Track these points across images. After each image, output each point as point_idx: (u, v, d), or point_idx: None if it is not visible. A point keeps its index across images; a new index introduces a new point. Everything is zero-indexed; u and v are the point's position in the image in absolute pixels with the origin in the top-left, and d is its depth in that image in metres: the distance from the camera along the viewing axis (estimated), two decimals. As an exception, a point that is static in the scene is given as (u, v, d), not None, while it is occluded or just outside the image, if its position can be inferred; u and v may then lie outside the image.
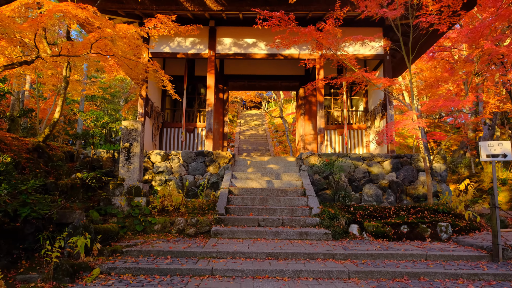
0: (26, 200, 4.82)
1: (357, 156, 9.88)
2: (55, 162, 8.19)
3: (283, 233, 6.48)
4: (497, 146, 5.62)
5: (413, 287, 4.34)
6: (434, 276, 4.73)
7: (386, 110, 10.98)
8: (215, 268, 4.74)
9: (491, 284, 4.54)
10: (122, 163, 7.74)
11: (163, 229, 6.89)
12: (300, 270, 4.73)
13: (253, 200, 7.99)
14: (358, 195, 9.35)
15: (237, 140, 27.69)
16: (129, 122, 7.82)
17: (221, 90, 13.55)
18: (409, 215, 7.34)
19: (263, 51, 11.33)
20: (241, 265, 4.90)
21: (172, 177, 9.53)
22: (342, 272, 4.71)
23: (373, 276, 4.70)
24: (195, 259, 5.20)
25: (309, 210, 7.54)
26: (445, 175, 9.80)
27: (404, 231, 6.92)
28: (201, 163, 9.79)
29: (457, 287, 4.38)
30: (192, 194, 9.11)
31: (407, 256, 5.46)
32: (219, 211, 7.28)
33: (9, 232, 4.86)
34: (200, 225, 6.91)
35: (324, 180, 9.44)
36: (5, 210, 4.60)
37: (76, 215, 5.85)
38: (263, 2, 9.85)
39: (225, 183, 8.70)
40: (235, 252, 5.38)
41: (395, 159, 9.81)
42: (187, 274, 4.67)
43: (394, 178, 9.61)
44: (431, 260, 5.38)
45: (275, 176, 9.42)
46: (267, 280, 4.51)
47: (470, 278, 4.71)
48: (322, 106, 11.19)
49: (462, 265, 5.18)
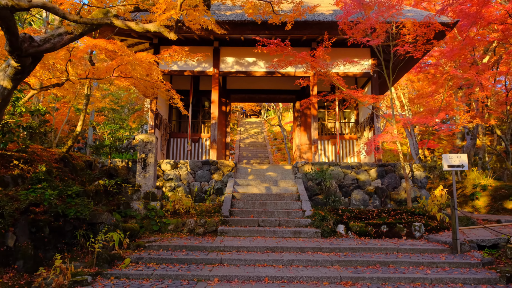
0: (71, 203, 5.92)
1: (346, 164, 11.01)
2: (79, 171, 9.29)
3: (279, 232, 7.58)
4: (456, 158, 6.75)
5: (382, 272, 5.45)
6: (400, 264, 5.83)
7: (374, 123, 12.13)
8: (223, 258, 5.84)
9: (445, 270, 5.65)
10: (139, 171, 8.84)
11: (176, 229, 7.98)
12: (292, 260, 5.83)
13: (253, 204, 9.09)
14: (347, 200, 10.46)
15: (237, 147, 28.78)
16: (145, 136, 8.95)
17: (223, 103, 14.72)
18: (389, 217, 8.45)
19: (263, 69, 12.50)
20: (244, 256, 6.00)
21: (181, 183, 10.64)
22: (326, 261, 5.81)
23: (351, 264, 5.80)
24: (206, 252, 6.29)
25: (303, 212, 8.64)
26: (425, 182, 10.92)
27: (384, 230, 8.02)
28: (206, 171, 10.90)
29: (418, 272, 5.49)
30: (199, 199, 10.21)
31: (382, 249, 6.56)
32: (224, 213, 8.38)
33: (54, 229, 5.96)
34: (207, 226, 8.00)
35: (317, 186, 10.55)
36: (56, 210, 5.70)
37: (105, 216, 6.94)
38: (262, 27, 11.03)
39: (229, 189, 9.81)
40: (239, 247, 6.48)
41: (380, 168, 10.94)
42: (201, 263, 5.76)
43: (379, 185, 10.73)
44: (401, 253, 6.48)
45: (273, 182, 10.54)
46: (266, 267, 5.61)
47: (430, 266, 5.81)
48: (315, 119, 12.34)
49: (426, 256, 6.28)
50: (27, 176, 6.89)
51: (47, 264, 5.45)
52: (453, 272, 5.51)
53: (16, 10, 4.22)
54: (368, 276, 5.19)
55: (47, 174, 7.01)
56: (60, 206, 5.75)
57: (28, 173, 6.89)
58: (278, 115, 28.87)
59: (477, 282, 5.19)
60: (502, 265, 5.97)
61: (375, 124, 12.08)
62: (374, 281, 5.13)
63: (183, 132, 14.44)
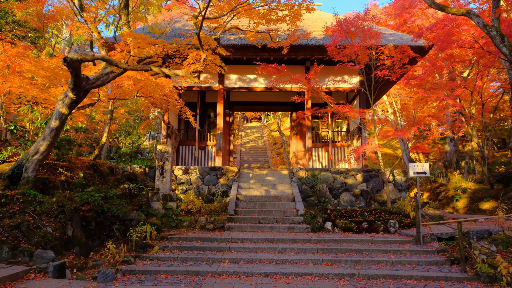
0: (112, 203, 7.47)
1: (336, 170, 12.56)
2: (105, 176, 10.84)
3: (276, 227, 9.12)
4: (420, 167, 8.30)
5: (355, 256, 6.99)
6: (372, 251, 7.37)
7: (361, 133, 13.68)
8: (231, 247, 7.39)
9: (406, 256, 7.19)
10: (157, 177, 10.40)
11: (190, 225, 9.52)
12: (286, 248, 7.37)
13: (254, 204, 10.64)
14: (336, 201, 12.00)
15: (239, 152, 30.27)
16: (163, 146, 10.51)
17: (227, 114, 16.29)
18: (370, 215, 9.98)
19: (262, 85, 14.07)
20: (248, 245, 7.55)
21: (191, 187, 12.20)
22: (313, 249, 7.36)
23: (332, 251, 7.35)
24: (217, 242, 7.83)
25: (296, 211, 10.19)
26: (405, 185, 12.46)
27: (364, 226, 9.56)
28: (213, 176, 12.46)
29: (383, 257, 7.03)
30: (207, 200, 11.75)
31: (359, 241, 8.10)
32: (229, 212, 9.92)
33: (97, 223, 7.51)
34: (216, 222, 9.54)
35: (310, 189, 12.09)
36: (101, 208, 7.25)
37: (134, 214, 8.50)
38: (262, 50, 12.59)
39: (233, 191, 11.35)
40: (243, 238, 8.03)
41: (365, 173, 12.49)
42: (214, 250, 7.31)
43: (364, 188, 12.28)
44: (374, 243, 8.02)
45: (272, 186, 12.08)
46: (265, 253, 7.15)
47: (395, 253, 7.35)
48: (310, 129, 13.90)
49: (394, 246, 7.82)
50: (71, 181, 8.44)
51: (95, 250, 7.00)
52: (411, 257, 7.05)
53: (83, 62, 5.79)
54: (344, 259, 6.74)
55: (83, 179, 8.55)
56: (105, 205, 7.30)
57: (72, 178, 8.44)
58: (277, 121, 30.41)
59: (427, 264, 6.74)
60: (455, 253, 7.50)
61: (362, 134, 13.63)
62: (348, 263, 6.68)
63: (190, 140, 16.00)
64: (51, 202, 6.74)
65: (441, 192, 17.93)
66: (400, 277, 5.90)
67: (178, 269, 6.02)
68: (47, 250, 5.93)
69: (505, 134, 23.35)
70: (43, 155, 7.03)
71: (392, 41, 12.58)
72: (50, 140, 6.99)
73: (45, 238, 6.14)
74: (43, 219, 6.49)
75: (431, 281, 5.80)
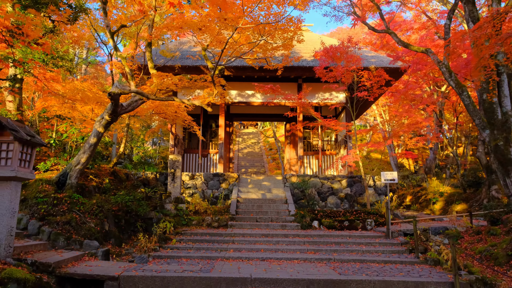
0: (139, 204, 9.17)
1: (323, 176, 14.32)
2: (123, 181, 12.51)
3: (271, 225, 10.85)
4: (390, 175, 10.09)
5: (334, 247, 8.73)
6: (348, 243, 9.12)
7: (347, 143, 15.47)
8: (234, 240, 9.11)
9: (375, 247, 8.94)
10: (169, 182, 12.10)
11: (198, 223, 11.21)
12: (279, 241, 9.10)
13: (253, 206, 12.36)
14: (324, 203, 13.75)
15: (236, 157, 31.94)
16: (174, 156, 12.21)
17: (228, 125, 18.04)
18: (351, 215, 11.73)
19: (259, 100, 15.83)
20: (248, 239, 9.27)
21: (197, 191, 13.90)
22: (300, 242, 9.09)
23: (316, 243, 9.08)
24: (222, 236, 9.55)
25: (288, 212, 11.93)
26: (384, 189, 14.24)
27: (346, 224, 11.31)
28: (216, 181, 14.17)
29: (356, 247, 8.77)
30: (211, 203, 13.45)
31: (339, 236, 9.85)
32: (231, 212, 11.63)
33: (126, 221, 9.20)
34: (220, 221, 11.24)
35: (301, 193, 13.83)
36: (130, 209, 8.94)
37: (153, 213, 10.19)
38: (259, 70, 14.36)
39: (234, 195, 13.07)
40: (244, 233, 9.75)
41: (350, 179, 14.26)
42: (220, 242, 9.03)
43: (349, 192, 14.05)
44: (351, 238, 9.76)
45: (267, 190, 13.81)
46: (262, 245, 8.88)
47: (366, 244, 9.10)
48: (301, 139, 15.67)
49: (367, 239, 9.57)
50: (100, 186, 10.13)
51: (125, 242, 8.69)
52: (379, 248, 8.81)
53: (122, 94, 7.50)
54: (324, 249, 8.49)
55: (108, 184, 10.23)
56: (132, 206, 9.00)
57: (101, 184, 10.14)
58: (273, 128, 32.13)
59: (391, 252, 8.50)
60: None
61: (347, 144, 15.42)
62: (327, 252, 8.42)
63: (194, 148, 17.71)
64: (91, 203, 8.43)
65: (422, 196, 19.71)
66: (366, 261, 7.65)
67: (194, 255, 7.74)
68: (92, 240, 7.62)
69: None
70: (83, 165, 8.72)
71: (374, 63, 14.43)
72: (89, 154, 8.69)
73: (90, 231, 7.83)
74: (86, 216, 8.18)
75: (390, 264, 7.55)
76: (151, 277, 5.85)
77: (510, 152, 6.88)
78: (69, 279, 5.92)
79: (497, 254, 7.35)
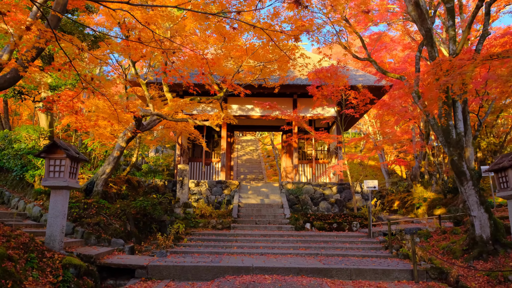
0: (155, 208, 10.65)
1: (316, 183, 15.84)
2: (135, 188, 14.00)
3: (269, 227, 12.34)
4: (371, 183, 11.63)
5: (322, 245, 10.24)
6: (335, 242, 10.63)
7: (337, 153, 17.03)
8: (237, 239, 10.61)
9: (357, 244, 10.46)
10: (178, 189, 13.59)
11: (204, 226, 12.69)
12: (275, 239, 10.61)
13: (252, 210, 13.85)
14: (316, 208, 15.26)
15: (236, 164, 33.38)
16: (182, 165, 13.72)
17: (229, 136, 19.57)
18: (340, 218, 13.24)
19: (258, 114, 17.39)
20: (249, 238, 10.76)
21: (202, 196, 15.38)
22: (294, 240, 10.60)
23: (307, 242, 10.59)
24: (226, 236, 11.04)
25: (284, 215, 13.43)
26: (370, 195, 15.74)
27: (334, 226, 12.82)
28: (219, 188, 15.67)
29: (341, 245, 10.29)
30: (215, 207, 14.94)
31: (327, 236, 11.36)
32: (233, 216, 13.12)
33: (143, 222, 10.69)
34: (224, 223, 12.72)
35: (295, 198, 15.34)
36: (148, 212, 10.43)
37: (165, 216, 11.68)
38: (258, 87, 15.93)
39: (235, 200, 14.57)
40: (245, 234, 11.25)
41: (339, 186, 15.79)
42: (225, 241, 10.52)
43: (338, 197, 15.57)
44: (338, 237, 11.27)
45: (265, 196, 15.31)
46: (261, 243, 10.38)
47: (350, 242, 10.61)
48: (296, 150, 17.21)
49: (351, 238, 11.08)
50: (119, 192, 11.63)
51: (143, 240, 10.17)
52: (360, 245, 10.33)
53: (144, 117, 9.03)
54: (313, 246, 10.00)
55: (126, 191, 11.73)
56: (150, 210, 10.50)
57: (119, 190, 11.63)
58: (270, 137, 33.65)
59: (369, 249, 10.02)
60: (393, 243, 10.75)
61: (338, 153, 16.99)
62: (316, 248, 9.92)
63: (197, 157, 19.22)
64: (115, 207, 9.93)
65: (408, 201, 21.27)
66: (348, 255, 9.16)
67: (204, 251, 9.23)
68: (118, 239, 9.10)
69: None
70: (107, 175, 10.23)
71: (361, 81, 16.04)
72: (112, 165, 10.20)
73: (115, 231, 9.31)
74: (111, 219, 9.66)
75: (367, 257, 9.06)
76: (172, 266, 7.34)
77: (463, 165, 8.41)
78: (106, 268, 7.40)
79: (455, 249, 8.87)
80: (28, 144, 10.83)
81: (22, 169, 10.46)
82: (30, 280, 5.27)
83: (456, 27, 10.77)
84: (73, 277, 6.03)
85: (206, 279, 7.19)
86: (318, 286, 6.59)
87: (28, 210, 9.80)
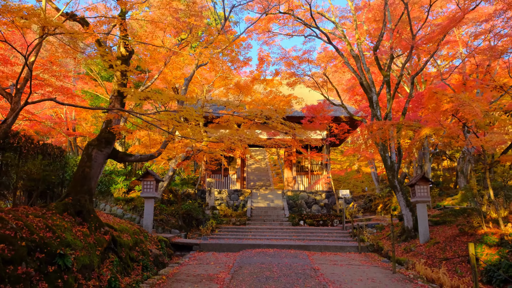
0: (196, 210, 15.67)
1: (310, 191, 20.79)
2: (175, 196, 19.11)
3: (273, 223, 17.33)
4: (344, 191, 16.55)
5: (309, 234, 15.19)
6: (318, 233, 15.57)
7: (328, 167, 21.93)
8: (251, 231, 15.64)
9: (333, 234, 15.39)
10: (207, 196, 18.63)
11: (226, 223, 17.67)
12: (277, 231, 15.62)
13: (261, 211, 18.84)
14: (309, 210, 20.18)
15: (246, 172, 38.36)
16: (210, 179, 18.77)
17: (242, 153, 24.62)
18: (325, 217, 18.14)
19: (265, 137, 22.40)
20: (259, 230, 15.77)
21: (223, 201, 20.43)
22: (290, 232, 15.58)
23: (299, 232, 15.55)
24: (243, 229, 16.04)
25: (284, 215, 18.39)
26: (350, 199, 20.63)
27: (321, 222, 17.73)
28: (236, 195, 20.70)
29: (322, 234, 15.22)
30: (233, 209, 19.95)
31: (314, 229, 16.29)
32: (248, 215, 18.11)
33: (187, 219, 15.77)
34: (241, 221, 17.70)
35: (293, 203, 20.27)
36: (191, 213, 15.47)
37: (201, 216, 16.73)
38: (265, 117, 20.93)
39: (249, 204, 19.56)
40: (256, 228, 16.26)
41: (327, 193, 20.72)
42: (242, 232, 15.55)
43: (327, 202, 20.48)
44: (321, 231, 16.18)
45: (271, 201, 20.30)
46: (267, 233, 15.36)
47: (328, 232, 15.53)
48: (295, 164, 22.20)
49: (330, 230, 15.98)
50: (168, 199, 16.72)
51: (189, 231, 15.23)
52: (335, 235, 15.23)
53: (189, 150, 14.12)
54: (303, 235, 14.96)
55: (172, 197, 16.81)
56: (192, 211, 15.56)
57: (168, 197, 16.73)
58: (276, 150, 38.53)
59: (341, 236, 14.94)
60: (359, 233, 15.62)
61: (328, 167, 21.89)
62: (304, 236, 14.86)
63: (218, 170, 24.27)
64: (171, 209, 15.01)
65: (388, 204, 26.07)
66: (324, 241, 14.07)
67: (230, 236, 14.25)
68: (175, 229, 14.16)
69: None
70: (165, 188, 15.32)
71: (343, 113, 20.97)
72: (168, 181, 15.30)
73: (173, 225, 14.38)
74: (169, 217, 14.74)
75: (336, 241, 13.96)
76: (214, 244, 12.37)
77: (395, 181, 13.26)
78: (174, 245, 12.46)
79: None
80: (110, 167, 16.03)
81: (108, 182, 15.65)
82: (148, 244, 10.36)
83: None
84: (165, 247, 11.11)
85: (234, 250, 12.22)
86: (300, 253, 11.56)
87: (114, 211, 14.95)
